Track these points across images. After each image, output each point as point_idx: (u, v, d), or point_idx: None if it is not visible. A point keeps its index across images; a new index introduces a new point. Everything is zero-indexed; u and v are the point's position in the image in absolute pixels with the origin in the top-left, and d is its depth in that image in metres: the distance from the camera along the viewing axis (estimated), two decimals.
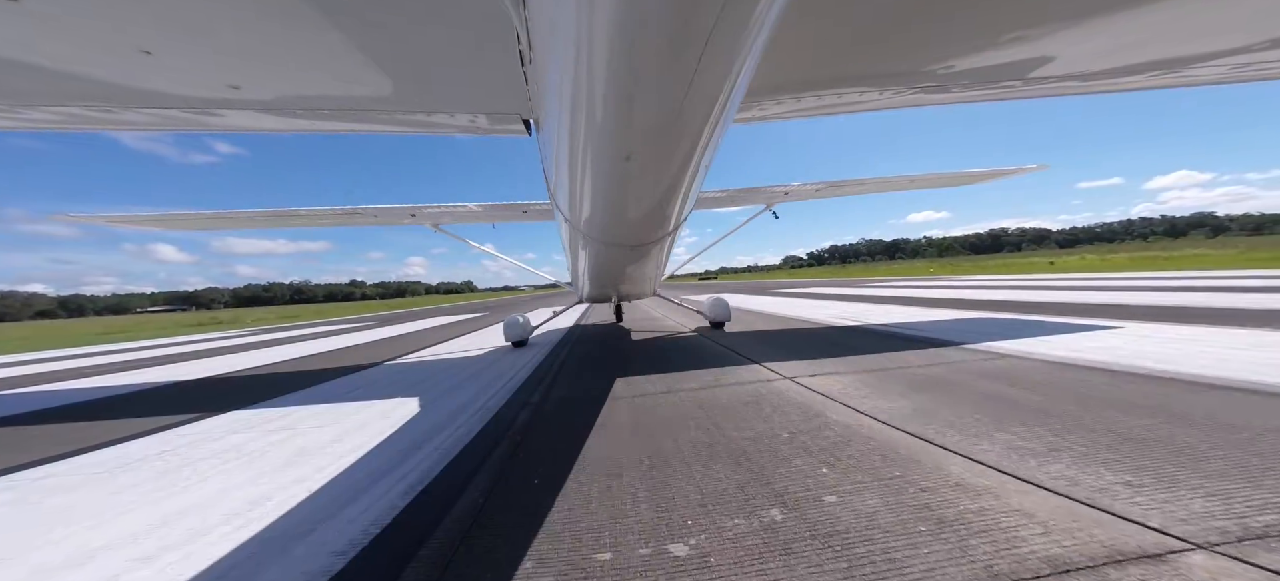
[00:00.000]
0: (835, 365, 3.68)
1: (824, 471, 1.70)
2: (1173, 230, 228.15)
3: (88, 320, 67.68)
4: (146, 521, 1.67)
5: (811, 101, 3.46)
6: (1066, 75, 3.46)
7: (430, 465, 2.04)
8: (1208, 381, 2.59)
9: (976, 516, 1.35)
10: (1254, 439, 1.75)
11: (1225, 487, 1.44)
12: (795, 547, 1.26)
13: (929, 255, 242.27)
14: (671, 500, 1.57)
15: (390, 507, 1.65)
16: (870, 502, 1.46)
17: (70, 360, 9.03)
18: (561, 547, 1.34)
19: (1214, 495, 1.39)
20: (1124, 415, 2.11)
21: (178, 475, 2.13)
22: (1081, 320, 5.34)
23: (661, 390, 3.22)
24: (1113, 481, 1.51)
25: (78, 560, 1.45)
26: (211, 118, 3.17)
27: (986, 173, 8.14)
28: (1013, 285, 12.72)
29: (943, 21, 2.72)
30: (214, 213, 7.36)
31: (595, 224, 3.47)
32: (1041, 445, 1.83)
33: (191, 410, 3.61)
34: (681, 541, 1.32)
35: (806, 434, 2.10)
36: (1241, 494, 1.39)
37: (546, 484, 1.77)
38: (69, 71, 2.62)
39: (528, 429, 2.52)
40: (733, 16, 1.37)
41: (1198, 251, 30.85)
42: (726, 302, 6.93)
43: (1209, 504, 1.34)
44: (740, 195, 7.96)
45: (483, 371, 4.15)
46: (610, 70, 1.61)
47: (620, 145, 2.13)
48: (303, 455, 2.28)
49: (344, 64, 2.67)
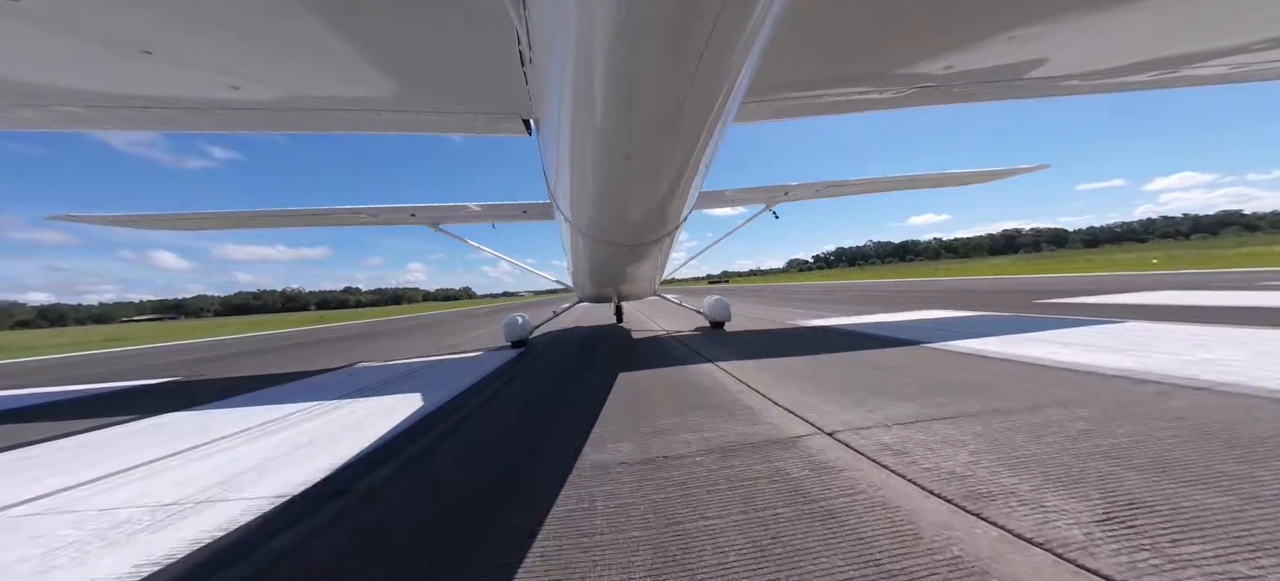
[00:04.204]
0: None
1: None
2: (1197, 228, 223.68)
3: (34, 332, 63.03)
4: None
5: (811, 101, 3.47)
6: (1065, 75, 3.46)
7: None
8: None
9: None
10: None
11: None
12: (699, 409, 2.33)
13: (940, 256, 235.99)
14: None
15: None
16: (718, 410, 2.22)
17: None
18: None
19: (860, 404, 2.39)
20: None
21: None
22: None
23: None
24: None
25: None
26: (211, 118, 3.17)
27: (986, 173, 8.15)
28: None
29: (943, 21, 2.73)
30: (208, 213, 7.33)
31: (595, 223, 3.47)
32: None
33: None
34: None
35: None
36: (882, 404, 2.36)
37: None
38: (69, 71, 2.62)
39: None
40: (733, 17, 1.37)
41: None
42: (727, 303, 6.91)
43: (850, 415, 2.22)
44: (740, 195, 7.96)
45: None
46: (610, 70, 1.61)
47: (620, 145, 2.13)
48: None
49: (344, 64, 2.67)
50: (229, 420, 3.07)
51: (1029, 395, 2.36)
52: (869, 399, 2.49)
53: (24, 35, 2.27)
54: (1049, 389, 2.46)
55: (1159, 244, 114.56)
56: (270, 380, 4.88)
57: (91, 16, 2.20)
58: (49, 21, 2.20)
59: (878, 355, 3.80)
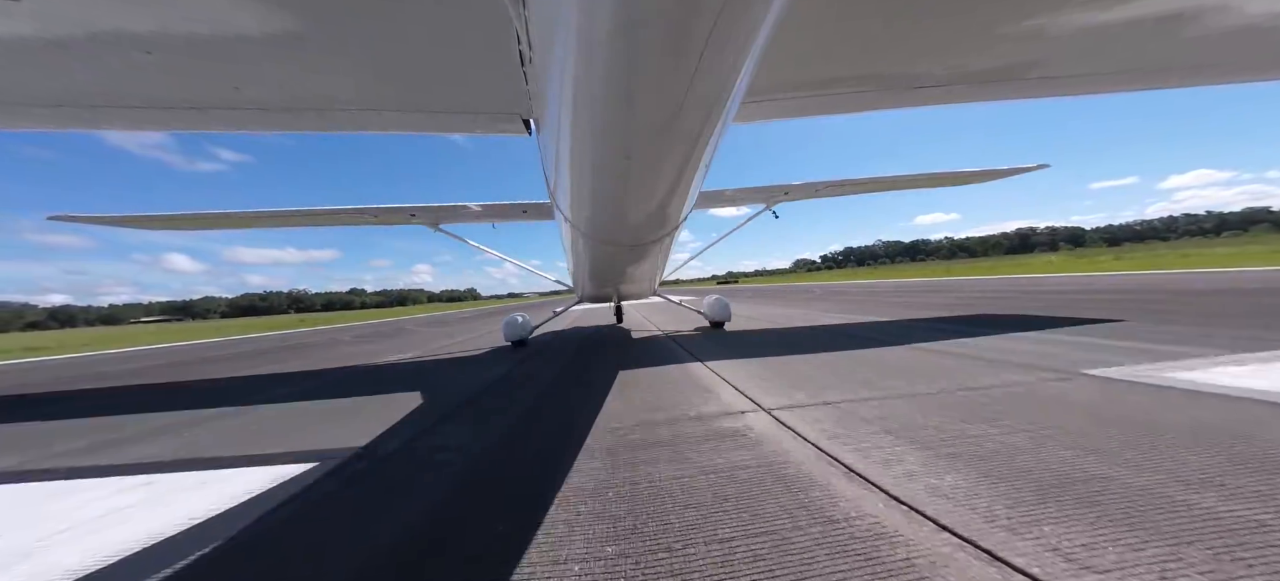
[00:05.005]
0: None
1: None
2: (1224, 225, 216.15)
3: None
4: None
5: (811, 101, 3.47)
6: (1066, 75, 3.46)
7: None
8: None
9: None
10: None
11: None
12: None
13: (955, 256, 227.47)
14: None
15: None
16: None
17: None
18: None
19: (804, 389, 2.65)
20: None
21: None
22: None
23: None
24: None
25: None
26: (213, 118, 3.18)
27: (987, 172, 8.16)
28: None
29: (943, 21, 2.73)
30: (209, 213, 7.35)
31: (595, 223, 3.48)
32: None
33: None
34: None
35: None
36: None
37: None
38: (70, 71, 2.62)
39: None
40: (733, 17, 1.37)
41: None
42: (727, 303, 6.91)
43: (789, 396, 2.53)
44: (740, 195, 7.96)
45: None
46: (610, 69, 1.62)
47: (620, 144, 2.13)
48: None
49: (344, 64, 2.68)
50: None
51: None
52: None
53: (24, 35, 2.28)
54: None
55: (1188, 242, 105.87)
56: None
57: (92, 17, 2.20)
58: (49, 21, 2.21)
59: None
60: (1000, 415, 2.02)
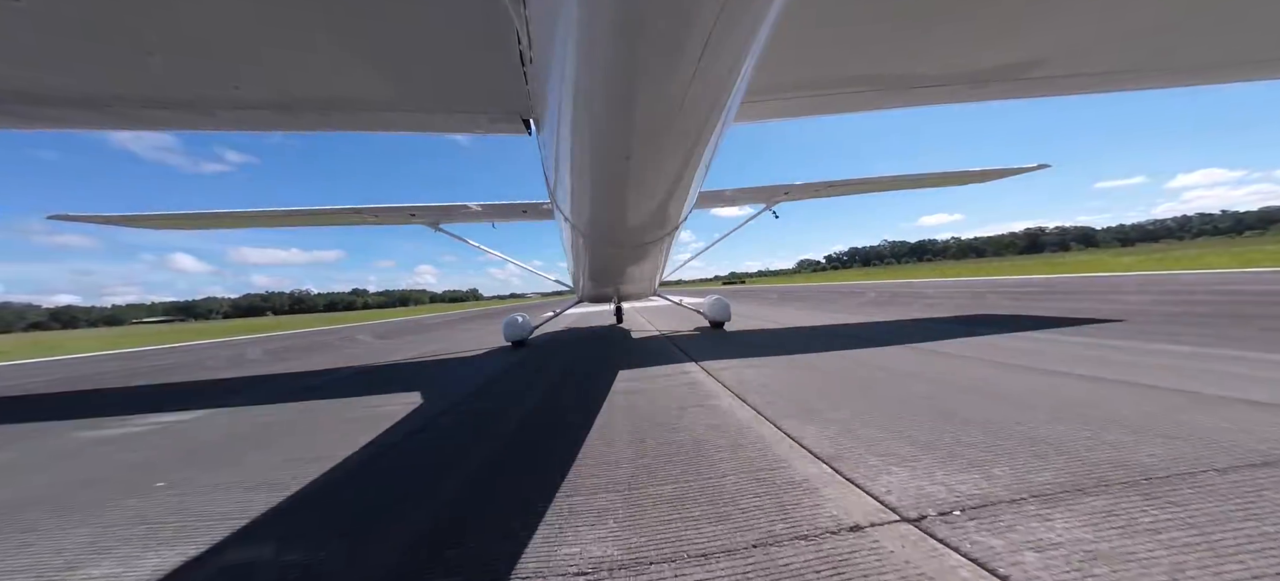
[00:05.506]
0: None
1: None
2: (1241, 225, 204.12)
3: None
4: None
5: (811, 101, 3.46)
6: (1068, 74, 3.45)
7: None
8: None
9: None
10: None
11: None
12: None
13: (965, 256, 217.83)
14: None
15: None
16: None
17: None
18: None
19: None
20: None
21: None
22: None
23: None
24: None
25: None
26: (213, 118, 3.17)
27: (987, 172, 8.14)
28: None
29: (943, 21, 2.72)
30: (209, 213, 7.35)
31: (595, 223, 3.48)
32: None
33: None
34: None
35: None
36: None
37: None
38: (71, 71, 2.62)
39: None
40: (732, 17, 1.37)
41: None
42: (727, 303, 6.90)
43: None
44: (740, 195, 7.95)
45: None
46: (610, 70, 1.61)
47: (620, 145, 2.13)
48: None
49: (344, 64, 2.67)
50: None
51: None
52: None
53: (25, 35, 2.28)
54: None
55: (1206, 242, 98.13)
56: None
57: (92, 16, 2.20)
58: (50, 21, 2.20)
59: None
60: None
